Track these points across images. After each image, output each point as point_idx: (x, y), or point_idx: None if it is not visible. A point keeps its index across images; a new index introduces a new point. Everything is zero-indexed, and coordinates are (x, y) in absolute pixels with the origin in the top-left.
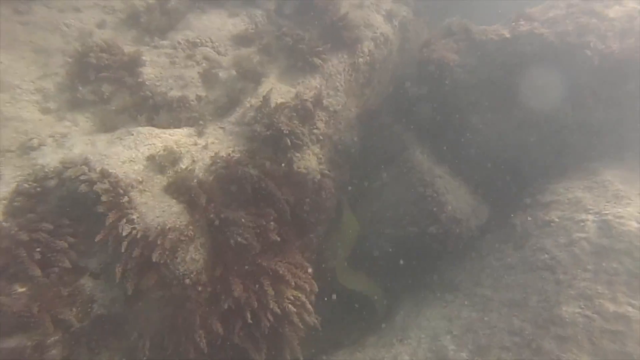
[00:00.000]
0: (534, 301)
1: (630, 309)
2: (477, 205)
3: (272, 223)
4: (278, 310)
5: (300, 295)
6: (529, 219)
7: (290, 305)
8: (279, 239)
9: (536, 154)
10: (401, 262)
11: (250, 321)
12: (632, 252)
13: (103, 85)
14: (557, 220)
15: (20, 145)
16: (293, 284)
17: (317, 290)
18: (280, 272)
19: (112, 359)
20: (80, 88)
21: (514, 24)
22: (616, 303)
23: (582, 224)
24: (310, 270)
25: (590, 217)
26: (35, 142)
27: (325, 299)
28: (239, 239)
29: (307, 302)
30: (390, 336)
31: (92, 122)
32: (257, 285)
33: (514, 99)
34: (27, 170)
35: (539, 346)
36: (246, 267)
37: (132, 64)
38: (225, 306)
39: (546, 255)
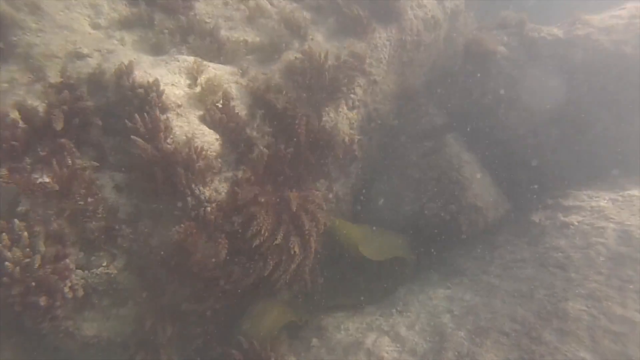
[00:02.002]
0: (540, 294)
1: (638, 315)
2: (498, 198)
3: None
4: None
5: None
6: (548, 219)
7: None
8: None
9: (565, 159)
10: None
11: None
12: None
13: (155, 11)
14: (576, 223)
15: (68, 53)
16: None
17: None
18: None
19: (127, 265)
20: (134, 9)
21: (569, 27)
22: (624, 307)
23: (602, 230)
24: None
25: (612, 225)
26: (83, 51)
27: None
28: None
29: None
30: (390, 307)
31: (139, 44)
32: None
33: (555, 102)
34: (71, 75)
35: (539, 335)
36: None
37: None
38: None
39: (560, 254)
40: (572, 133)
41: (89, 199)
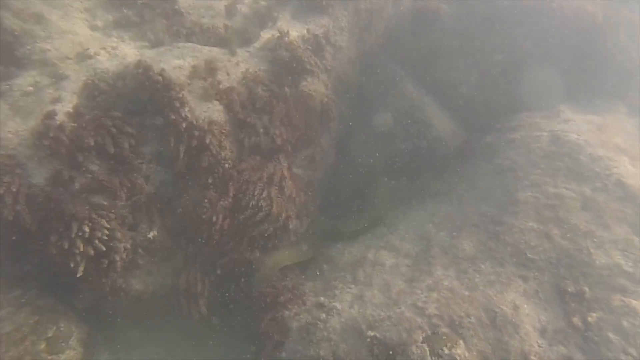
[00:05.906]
0: (498, 193)
1: (564, 190)
2: (457, 130)
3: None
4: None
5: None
6: (498, 138)
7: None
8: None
9: (507, 94)
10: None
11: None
12: (571, 154)
13: (144, 9)
14: (519, 137)
15: (78, 54)
16: None
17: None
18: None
19: (161, 228)
20: (125, 10)
21: None
22: (556, 187)
23: (538, 137)
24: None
25: (545, 133)
26: (91, 51)
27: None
28: (253, 139)
29: None
30: (381, 232)
31: (136, 40)
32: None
33: (492, 47)
34: (89, 72)
35: (500, 220)
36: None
37: None
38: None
39: (509, 161)
40: (511, 72)
41: (134, 174)
